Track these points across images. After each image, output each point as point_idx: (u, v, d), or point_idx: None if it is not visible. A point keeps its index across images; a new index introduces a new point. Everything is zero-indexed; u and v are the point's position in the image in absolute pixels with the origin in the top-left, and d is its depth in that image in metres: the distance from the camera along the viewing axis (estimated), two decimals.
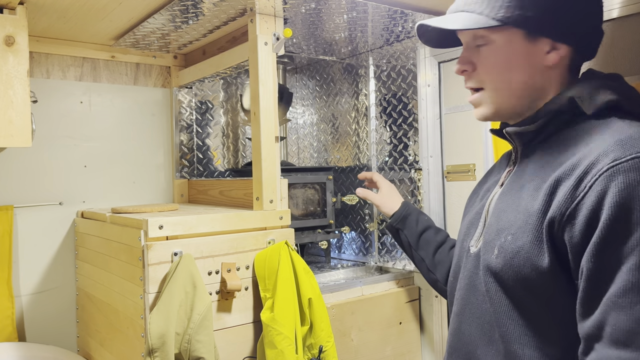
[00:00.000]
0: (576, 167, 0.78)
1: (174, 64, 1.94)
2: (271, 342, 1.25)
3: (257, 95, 1.45)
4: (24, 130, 1.33)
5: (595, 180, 0.75)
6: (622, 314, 0.71)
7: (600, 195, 0.74)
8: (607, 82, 0.87)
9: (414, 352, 1.69)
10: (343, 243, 2.08)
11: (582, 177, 0.77)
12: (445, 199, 1.69)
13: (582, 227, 0.76)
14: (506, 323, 0.87)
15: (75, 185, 1.76)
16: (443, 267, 1.27)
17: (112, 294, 1.45)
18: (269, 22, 1.46)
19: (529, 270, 0.82)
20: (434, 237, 1.33)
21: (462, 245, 1.03)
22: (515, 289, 0.85)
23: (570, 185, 0.78)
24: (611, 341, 0.73)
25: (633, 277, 0.71)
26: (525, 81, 0.90)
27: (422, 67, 1.71)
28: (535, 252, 0.81)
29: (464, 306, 0.97)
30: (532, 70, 0.89)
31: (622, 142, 0.75)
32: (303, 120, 2.30)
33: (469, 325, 0.95)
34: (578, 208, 0.76)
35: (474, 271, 0.94)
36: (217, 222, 1.34)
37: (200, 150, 2.00)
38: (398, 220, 1.41)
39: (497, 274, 0.87)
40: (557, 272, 0.80)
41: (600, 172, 0.74)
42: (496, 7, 0.87)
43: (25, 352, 1.56)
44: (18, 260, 1.65)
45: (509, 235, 0.85)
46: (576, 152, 0.81)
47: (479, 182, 1.15)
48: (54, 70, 1.74)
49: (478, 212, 1.00)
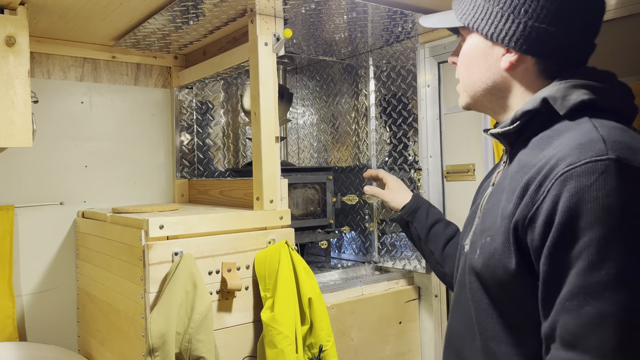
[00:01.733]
0: (541, 170, 0.79)
1: (175, 65, 1.95)
2: (271, 342, 1.25)
3: (258, 95, 1.45)
4: (24, 130, 1.34)
5: (552, 185, 0.75)
6: (569, 317, 0.73)
7: (555, 199, 0.75)
8: (586, 81, 0.86)
9: (414, 351, 1.70)
10: (343, 243, 2.08)
11: (542, 181, 0.77)
12: (445, 199, 1.70)
13: (540, 231, 0.77)
14: (485, 321, 0.89)
15: (76, 185, 1.76)
16: (452, 261, 1.27)
17: (113, 294, 1.45)
18: (269, 23, 1.46)
19: (501, 271, 0.84)
20: (443, 231, 1.33)
21: (460, 244, 1.06)
22: (493, 288, 0.87)
23: (533, 188, 0.79)
24: (561, 342, 0.75)
25: (580, 280, 0.72)
26: (485, 80, 0.96)
27: (422, 68, 1.72)
28: (505, 254, 0.83)
29: (456, 303, 1.00)
30: (490, 71, 0.95)
31: (581, 146, 0.75)
32: (303, 121, 2.30)
33: (458, 322, 0.98)
34: (537, 212, 0.77)
35: (464, 269, 0.97)
36: (218, 222, 1.34)
37: (201, 150, 2.00)
38: (408, 212, 1.40)
39: (478, 274, 0.89)
40: (524, 274, 0.82)
41: (557, 177, 0.75)
42: (464, 10, 0.97)
43: (26, 352, 1.56)
44: (19, 259, 1.65)
45: (488, 236, 0.87)
46: (545, 154, 0.81)
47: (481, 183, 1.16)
48: (54, 70, 1.74)
49: (474, 211, 1.03)
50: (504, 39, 0.91)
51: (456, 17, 0.99)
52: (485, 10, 0.93)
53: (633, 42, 1.24)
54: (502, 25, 0.91)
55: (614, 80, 0.89)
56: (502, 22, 0.91)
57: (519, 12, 0.89)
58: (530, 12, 0.88)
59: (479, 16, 0.94)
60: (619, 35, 1.26)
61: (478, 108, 1.02)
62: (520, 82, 0.94)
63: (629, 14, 1.24)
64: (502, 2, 0.91)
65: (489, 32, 0.93)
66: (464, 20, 0.96)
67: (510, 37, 0.91)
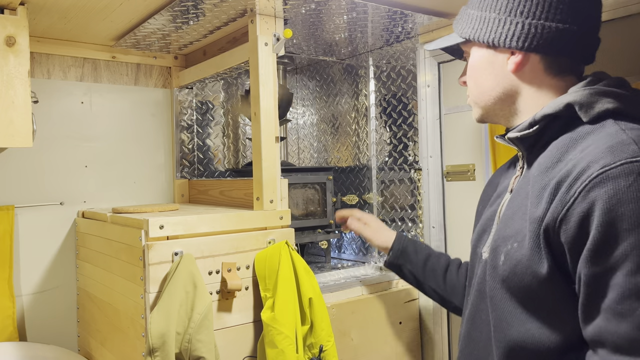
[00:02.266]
0: (570, 173, 0.79)
1: (175, 65, 1.95)
2: (272, 342, 1.25)
3: (258, 95, 1.45)
4: (24, 130, 1.34)
5: (585, 187, 0.75)
6: (622, 322, 0.72)
7: (591, 201, 0.74)
8: (610, 88, 0.87)
9: (414, 352, 1.70)
10: (343, 243, 2.08)
11: (573, 183, 0.77)
12: (444, 199, 1.70)
13: (575, 232, 0.77)
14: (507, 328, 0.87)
15: (76, 185, 1.76)
16: (458, 291, 1.26)
17: (113, 294, 1.45)
18: (269, 23, 1.46)
19: (530, 278, 0.83)
20: (438, 264, 1.31)
21: (475, 252, 1.03)
22: (519, 295, 0.86)
23: (563, 191, 0.78)
24: (614, 348, 0.74)
25: (629, 283, 0.72)
26: (494, 87, 0.97)
27: (422, 68, 1.72)
28: (535, 260, 0.82)
29: (475, 312, 0.97)
30: (498, 78, 0.96)
31: (613, 148, 0.76)
32: (303, 121, 2.30)
33: (479, 332, 0.96)
34: (569, 214, 0.77)
35: (483, 277, 0.95)
36: (218, 222, 1.34)
37: (201, 150, 2.00)
38: (398, 255, 1.38)
39: (504, 281, 0.87)
40: (557, 279, 0.81)
41: (590, 179, 0.75)
42: (463, 26, 1.00)
43: (26, 352, 1.56)
44: (19, 260, 1.65)
45: (515, 242, 0.86)
46: (572, 157, 0.81)
47: (488, 186, 1.15)
48: (54, 70, 1.74)
49: (490, 218, 1.01)
50: (505, 41, 0.92)
51: (457, 34, 1.01)
52: (482, 20, 0.95)
53: (633, 42, 1.24)
54: (502, 28, 0.92)
55: (630, 87, 0.90)
56: (500, 26, 0.92)
57: (516, 14, 0.91)
58: (526, 11, 0.90)
59: (477, 27, 0.96)
60: (619, 35, 1.26)
61: (491, 118, 1.02)
62: (529, 83, 0.94)
63: (629, 14, 1.24)
64: (497, 9, 0.93)
65: (490, 38, 0.94)
66: (464, 35, 0.99)
67: (511, 38, 0.91)
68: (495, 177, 1.15)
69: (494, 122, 1.04)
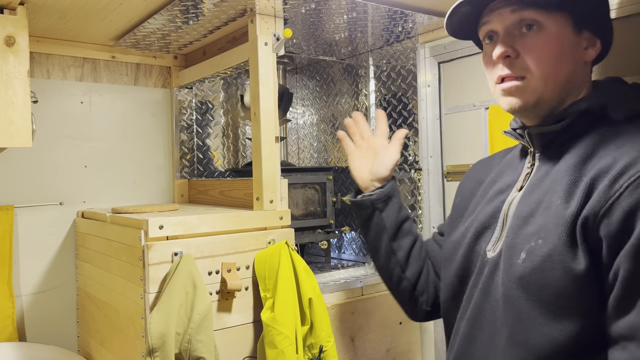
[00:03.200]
0: (611, 168, 0.78)
1: (174, 65, 1.95)
2: (271, 342, 1.25)
3: (257, 95, 1.45)
4: (24, 130, 1.34)
5: (633, 182, 0.75)
6: None
7: (638, 197, 0.74)
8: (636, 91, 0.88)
9: (414, 352, 1.69)
10: (343, 243, 2.08)
11: (617, 178, 0.76)
12: (445, 199, 1.69)
13: (619, 226, 0.76)
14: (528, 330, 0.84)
15: (75, 186, 1.76)
16: (415, 267, 1.16)
17: (113, 294, 1.45)
18: (269, 23, 1.46)
19: (560, 273, 0.80)
20: (411, 230, 1.18)
21: (472, 248, 0.98)
22: (541, 294, 0.83)
23: (605, 185, 0.77)
24: None
25: None
26: (570, 74, 0.88)
27: (422, 68, 1.71)
28: (569, 255, 0.80)
29: (479, 312, 0.94)
30: (575, 64, 0.88)
31: None
32: (303, 121, 2.30)
33: (482, 332, 0.93)
34: (613, 207, 0.76)
35: (491, 277, 0.92)
36: (218, 222, 1.34)
37: (201, 150, 2.00)
38: (382, 198, 1.18)
39: (522, 278, 0.84)
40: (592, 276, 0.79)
41: (638, 174, 0.75)
42: None
43: (25, 352, 1.56)
44: (18, 260, 1.65)
45: (539, 239, 0.83)
46: (609, 153, 0.81)
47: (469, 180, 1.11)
48: (54, 70, 1.74)
49: (492, 215, 0.96)
50: (593, 23, 0.86)
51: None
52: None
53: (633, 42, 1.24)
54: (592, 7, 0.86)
55: None
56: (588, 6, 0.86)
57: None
58: None
59: None
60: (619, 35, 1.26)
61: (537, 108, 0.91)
62: (589, 76, 0.91)
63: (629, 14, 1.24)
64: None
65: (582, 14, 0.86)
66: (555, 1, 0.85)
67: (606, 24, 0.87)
68: (479, 170, 1.10)
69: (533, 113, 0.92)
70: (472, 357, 0.95)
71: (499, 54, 0.89)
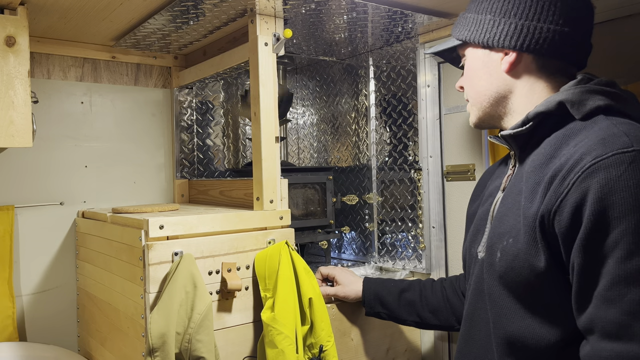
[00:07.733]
0: (563, 166, 0.80)
1: (175, 65, 1.95)
2: (272, 342, 1.25)
3: (258, 95, 1.45)
4: (24, 130, 1.34)
5: (578, 177, 0.77)
6: (611, 307, 0.73)
7: (583, 191, 0.76)
8: (600, 86, 0.89)
9: (414, 351, 1.70)
10: (343, 243, 2.08)
11: (566, 175, 0.79)
12: (445, 199, 1.70)
13: (568, 223, 0.78)
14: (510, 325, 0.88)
15: (76, 185, 1.76)
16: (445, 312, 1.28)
17: (113, 294, 1.45)
18: (269, 23, 1.46)
19: (527, 272, 0.84)
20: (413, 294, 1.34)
21: (470, 252, 1.05)
22: (518, 291, 0.87)
23: (557, 183, 0.80)
24: (603, 334, 0.75)
25: (619, 269, 0.73)
26: (489, 87, 0.99)
27: (422, 68, 1.72)
28: (532, 253, 0.83)
29: (473, 311, 0.99)
30: (492, 77, 0.98)
31: (604, 140, 0.78)
32: (303, 121, 2.30)
33: (478, 330, 0.97)
34: (563, 203, 0.78)
35: (480, 276, 0.96)
36: (218, 222, 1.34)
37: (201, 150, 2.00)
38: (371, 303, 1.40)
39: (501, 277, 0.88)
40: (554, 272, 0.82)
41: (583, 169, 0.77)
42: (458, 29, 1.03)
43: (26, 352, 1.56)
44: (19, 260, 1.65)
45: (510, 238, 0.87)
46: (565, 152, 0.83)
47: (477, 187, 1.17)
48: (54, 70, 1.74)
49: (483, 218, 1.02)
50: (499, 40, 0.94)
51: (454, 38, 1.05)
52: (478, 23, 0.98)
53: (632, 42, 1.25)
54: (496, 29, 0.95)
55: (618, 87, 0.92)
56: (495, 27, 0.95)
57: (509, 15, 0.93)
58: (520, 13, 0.92)
59: (473, 29, 0.98)
60: (617, 35, 1.26)
61: (487, 121, 1.04)
62: (523, 83, 0.96)
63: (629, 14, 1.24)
64: (492, 11, 0.95)
65: (484, 38, 0.96)
66: (460, 37, 1.02)
67: (504, 37, 0.94)
68: (485, 177, 1.16)
69: (490, 126, 1.05)
70: (471, 355, 0.98)
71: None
